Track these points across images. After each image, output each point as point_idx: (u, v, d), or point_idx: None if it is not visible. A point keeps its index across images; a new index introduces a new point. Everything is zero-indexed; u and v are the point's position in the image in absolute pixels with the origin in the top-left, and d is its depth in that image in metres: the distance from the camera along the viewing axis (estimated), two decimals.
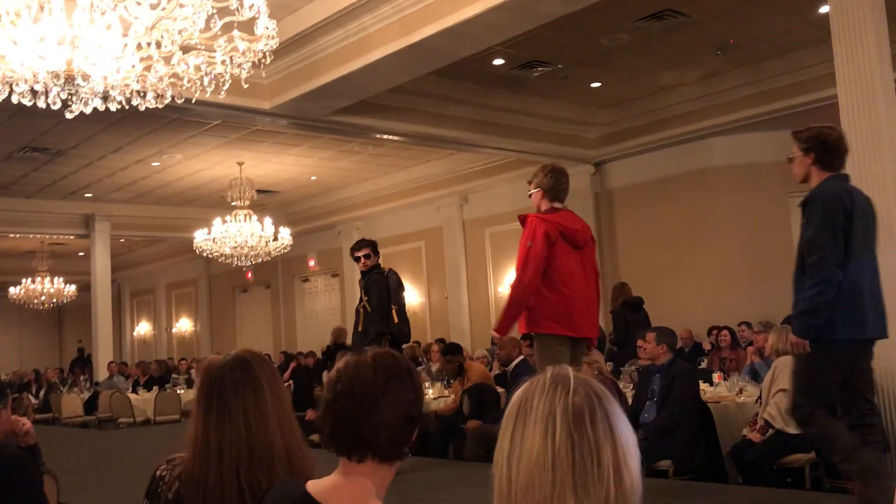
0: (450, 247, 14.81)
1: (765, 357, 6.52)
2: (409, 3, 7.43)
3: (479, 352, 10.55)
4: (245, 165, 12.80)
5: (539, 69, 9.77)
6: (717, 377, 6.76)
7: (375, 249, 6.65)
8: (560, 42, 8.90)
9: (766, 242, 11.04)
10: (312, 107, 9.23)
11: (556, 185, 4.85)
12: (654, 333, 5.75)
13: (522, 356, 6.83)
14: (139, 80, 4.77)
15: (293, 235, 13.35)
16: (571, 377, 1.14)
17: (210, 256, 12.99)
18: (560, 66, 9.76)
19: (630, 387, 6.46)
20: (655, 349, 5.71)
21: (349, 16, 7.84)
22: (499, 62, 9.43)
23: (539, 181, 4.87)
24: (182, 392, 12.64)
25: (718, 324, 9.24)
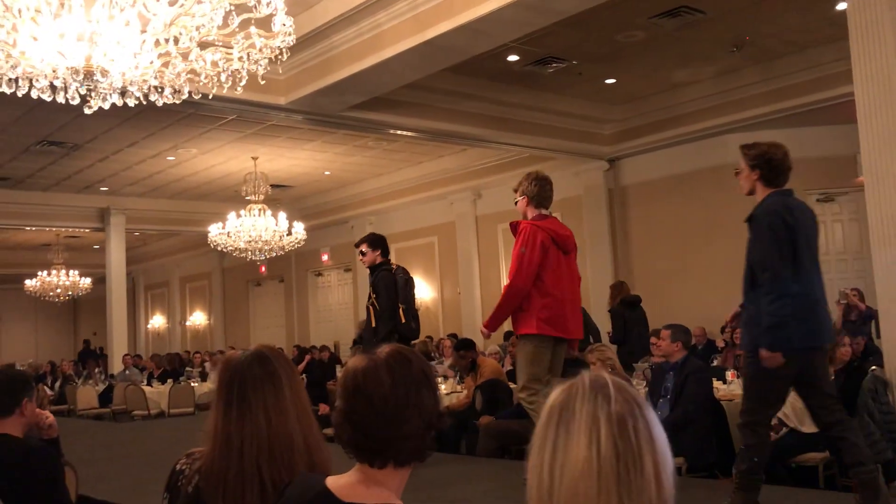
0: (462, 242, 14.82)
1: None
2: (424, 0, 7.43)
3: (492, 348, 10.55)
4: (260, 160, 12.85)
5: (553, 65, 9.75)
6: (731, 375, 6.73)
7: (381, 245, 6.61)
8: (575, 38, 8.88)
9: None
10: (327, 102, 9.26)
11: (541, 193, 5.04)
12: (669, 331, 5.72)
13: None
14: (157, 76, 4.79)
15: (307, 230, 13.40)
16: (610, 384, 1.13)
17: (224, 250, 13.05)
18: (575, 63, 9.74)
19: (643, 384, 6.45)
20: (670, 346, 5.69)
21: (364, 12, 7.86)
22: (513, 58, 9.42)
23: (524, 189, 5.07)
24: (196, 385, 12.70)
25: None
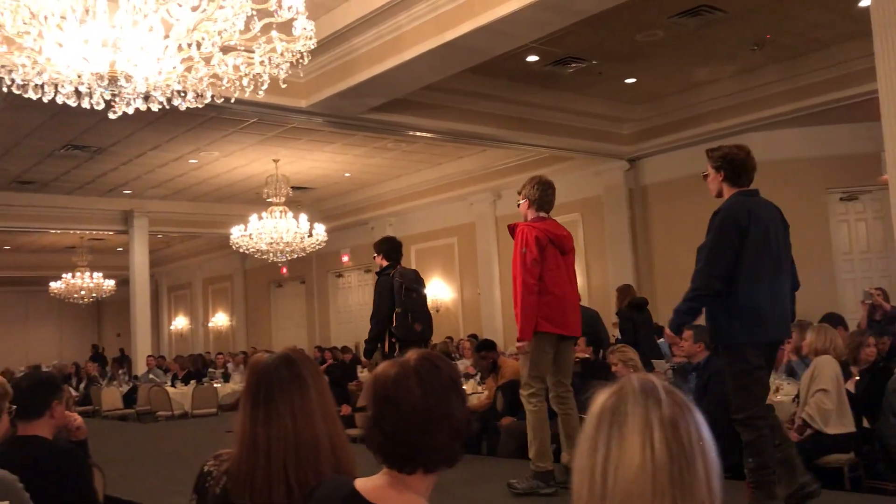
0: (482, 243, 14.82)
1: (802, 356, 6.44)
2: (444, 2, 7.44)
3: (513, 349, 10.54)
4: (281, 162, 12.92)
5: (573, 65, 9.73)
6: None
7: (387, 250, 6.67)
8: (595, 38, 8.86)
9: (803, 239, 10.86)
10: (347, 105, 9.29)
11: (542, 197, 5.18)
12: (692, 331, 5.69)
13: None
14: (180, 81, 4.84)
15: (327, 231, 13.45)
16: (659, 387, 1.13)
17: (246, 252, 13.14)
18: (594, 63, 9.71)
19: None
20: (692, 347, 5.66)
21: (384, 15, 7.88)
22: (533, 59, 9.40)
23: (527, 192, 5.23)
24: (219, 386, 12.79)
25: None
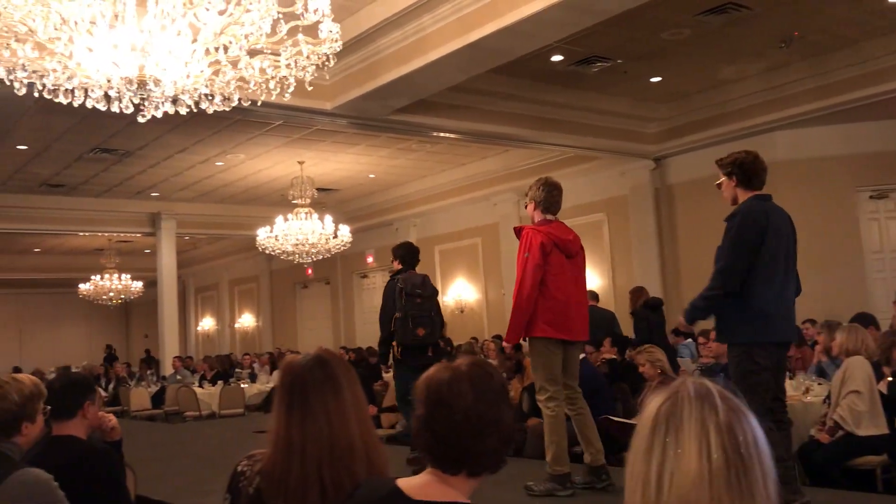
0: (506, 243, 14.77)
1: (833, 357, 6.37)
2: (468, 3, 7.44)
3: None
4: (306, 164, 13.00)
5: (598, 65, 9.69)
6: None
7: (404, 255, 6.77)
8: (619, 37, 8.82)
9: (832, 238, 10.78)
10: (372, 106, 9.32)
11: (548, 198, 5.16)
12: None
13: (583, 355, 6.78)
14: (207, 84, 4.89)
15: (352, 232, 13.50)
16: (715, 391, 1.12)
17: (272, 253, 13.22)
18: (619, 62, 9.66)
19: None
20: (720, 347, 5.62)
21: (408, 16, 7.89)
22: (557, 58, 9.38)
23: (533, 194, 5.23)
24: (245, 386, 12.89)
25: None
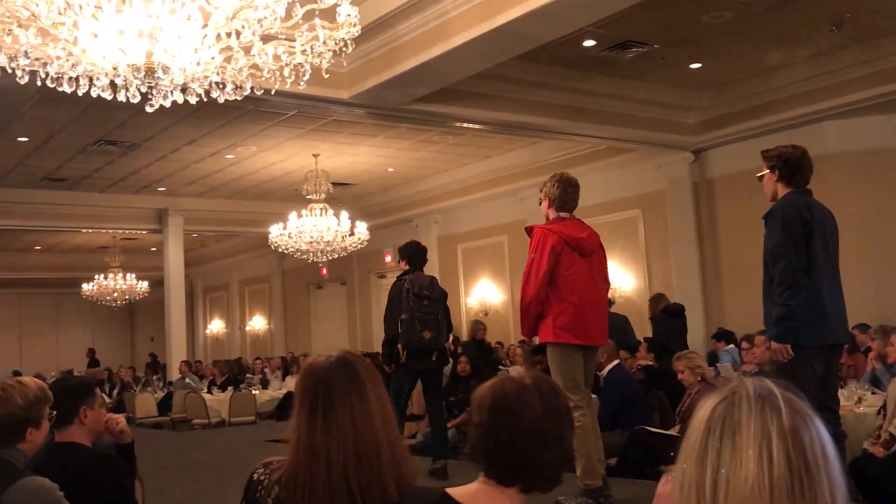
0: None
1: (888, 364, 6.30)
2: None
3: None
4: (320, 157, 13.04)
5: (633, 50, 9.64)
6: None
7: (411, 255, 6.85)
8: (656, 21, 8.76)
9: (887, 235, 10.66)
10: (391, 95, 9.34)
11: (563, 196, 5.19)
12: (765, 336, 5.60)
13: (617, 361, 6.77)
14: (219, 72, 4.92)
15: (369, 230, 13.53)
16: (777, 393, 1.10)
17: (285, 252, 13.28)
18: (656, 47, 9.60)
19: None
20: (766, 353, 5.57)
21: (429, 0, 7.89)
22: (589, 43, 9.34)
23: (546, 191, 5.24)
24: (257, 392, 12.97)
25: None
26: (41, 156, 12.70)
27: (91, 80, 4.84)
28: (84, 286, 20.37)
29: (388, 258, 18.17)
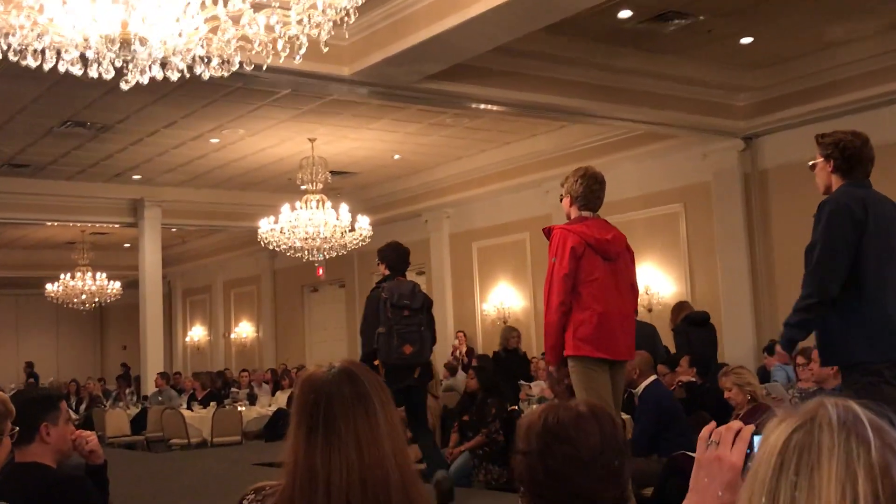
0: None
1: None
2: None
3: None
4: (318, 142, 13.07)
5: (675, 22, 9.63)
6: None
7: (393, 259, 6.93)
8: None
9: None
10: (399, 72, 9.35)
11: (587, 193, 5.21)
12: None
13: (654, 377, 6.76)
14: (203, 44, 4.94)
15: (372, 225, 13.54)
16: (865, 420, 1.04)
17: (276, 250, 13.31)
18: (701, 18, 9.60)
19: None
20: (822, 371, 5.57)
21: None
22: (625, 14, 9.34)
23: (568, 187, 5.26)
24: (243, 409, 13.00)
25: None
26: (0, 139, 12.77)
27: (59, 53, 4.87)
28: (48, 286, 20.42)
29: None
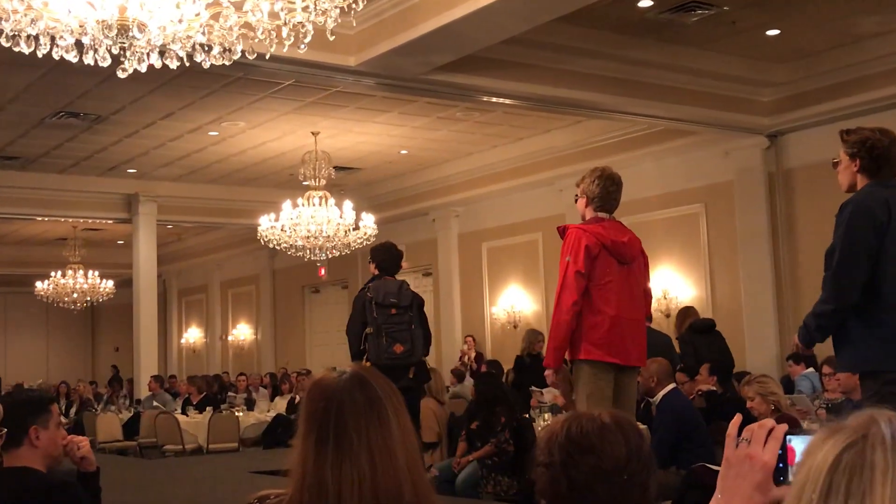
0: None
1: None
2: None
3: None
4: (321, 136, 13.07)
5: (698, 13, 9.63)
6: None
7: (385, 260, 7.13)
8: None
9: None
10: (407, 63, 9.35)
11: (603, 194, 5.29)
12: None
13: (673, 385, 6.74)
14: (204, 31, 4.93)
15: (377, 223, 13.54)
16: None
17: (276, 248, 13.32)
18: (726, 9, 9.59)
19: (815, 427, 6.29)
20: (850, 380, 5.55)
21: None
22: (646, 4, 9.34)
23: (584, 188, 5.34)
24: (241, 415, 13.01)
25: None
26: None
27: (53, 40, 4.87)
28: (38, 284, 20.46)
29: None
